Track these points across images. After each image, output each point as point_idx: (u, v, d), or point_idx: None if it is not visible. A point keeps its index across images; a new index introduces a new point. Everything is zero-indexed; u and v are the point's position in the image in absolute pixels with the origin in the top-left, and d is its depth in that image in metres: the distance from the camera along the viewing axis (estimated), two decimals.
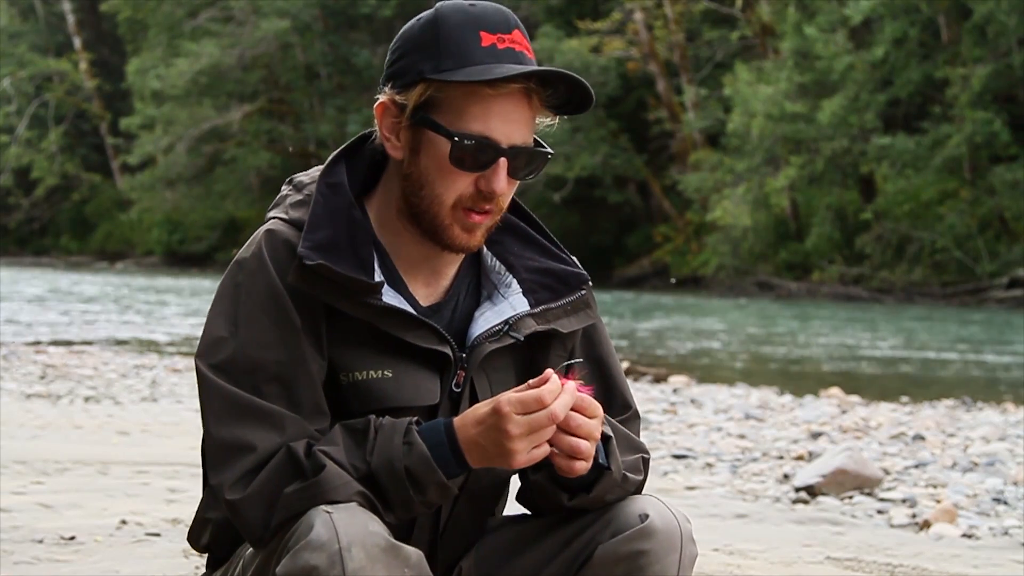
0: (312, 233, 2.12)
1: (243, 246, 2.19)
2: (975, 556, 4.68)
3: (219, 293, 2.17)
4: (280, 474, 2.04)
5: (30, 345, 13.25)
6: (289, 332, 2.11)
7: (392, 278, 2.18)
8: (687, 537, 2.14)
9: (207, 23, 45.37)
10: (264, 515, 2.04)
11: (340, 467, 2.04)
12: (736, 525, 5.19)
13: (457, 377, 2.18)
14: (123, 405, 8.63)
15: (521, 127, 2.13)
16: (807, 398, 10.50)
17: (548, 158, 2.19)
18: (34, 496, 5.07)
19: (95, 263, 46.85)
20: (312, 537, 1.95)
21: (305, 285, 2.11)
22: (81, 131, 52.21)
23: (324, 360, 2.14)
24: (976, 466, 6.78)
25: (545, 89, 2.12)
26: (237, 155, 44.99)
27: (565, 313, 2.25)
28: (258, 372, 2.10)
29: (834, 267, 33.05)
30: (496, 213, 2.17)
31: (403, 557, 1.99)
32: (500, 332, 2.19)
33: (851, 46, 33.41)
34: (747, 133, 34.09)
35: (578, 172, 37.83)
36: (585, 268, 2.36)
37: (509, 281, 2.24)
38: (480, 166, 2.12)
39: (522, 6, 41.23)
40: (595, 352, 2.32)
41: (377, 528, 1.98)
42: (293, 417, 2.08)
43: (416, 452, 2.03)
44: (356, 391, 2.14)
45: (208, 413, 2.11)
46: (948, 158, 31.79)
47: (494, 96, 2.10)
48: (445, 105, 2.11)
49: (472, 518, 2.25)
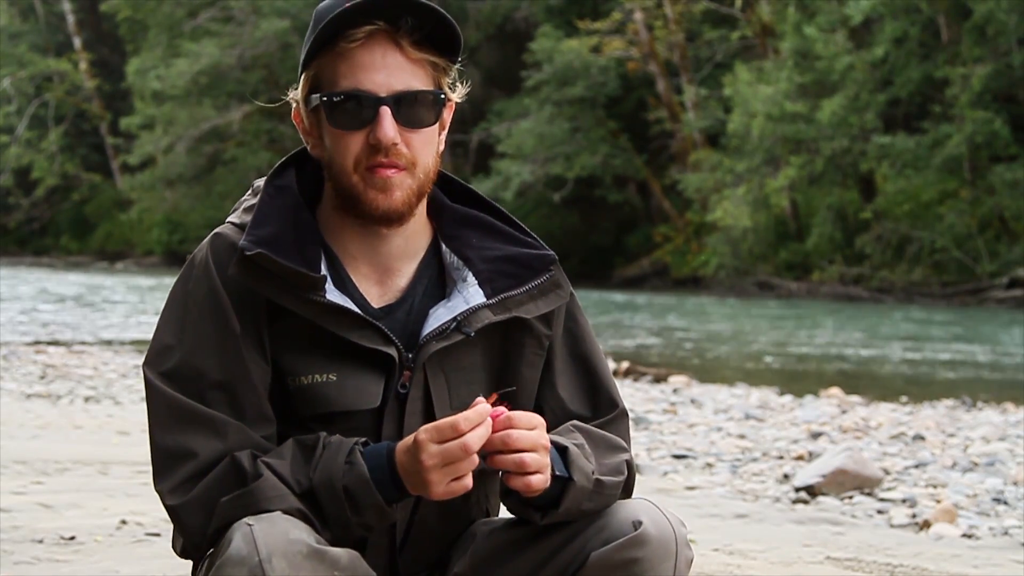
0: (256, 228, 2.10)
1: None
2: (975, 556, 4.68)
3: (169, 298, 2.16)
4: (222, 482, 2.04)
5: (30, 345, 13.24)
6: (229, 339, 2.09)
7: (340, 280, 2.15)
8: (682, 542, 2.11)
9: (207, 23, 45.33)
10: (203, 522, 2.04)
11: (281, 479, 2.03)
12: (736, 525, 5.19)
13: (403, 377, 2.13)
14: (123, 405, 8.63)
15: (398, 72, 2.09)
16: (807, 398, 10.50)
17: (444, 98, 2.13)
18: (34, 496, 5.07)
19: (95, 263, 46.82)
20: (231, 552, 1.94)
21: (246, 278, 2.08)
22: (81, 131, 52.16)
23: (267, 365, 2.12)
24: (976, 466, 6.78)
25: (405, 28, 2.08)
26: (237, 155, 44.97)
27: (531, 298, 2.19)
28: (202, 379, 2.08)
29: (834, 267, 33.02)
30: (409, 169, 2.11)
31: (330, 561, 1.96)
32: (448, 329, 2.14)
33: (851, 46, 33.38)
34: (747, 133, 34.06)
35: (578, 172, 37.80)
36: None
37: (465, 275, 2.19)
38: (362, 121, 2.09)
39: (522, 6, 41.26)
40: (578, 349, 2.27)
41: (299, 535, 1.95)
42: (236, 424, 2.07)
43: (356, 472, 2.01)
44: (302, 396, 2.12)
45: (153, 420, 2.11)
46: (948, 158, 31.76)
47: (354, 48, 2.08)
48: (323, 79, 2.12)
49: (440, 518, 2.21)
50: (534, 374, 2.24)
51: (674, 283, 36.78)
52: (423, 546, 2.22)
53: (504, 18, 42.04)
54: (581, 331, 2.28)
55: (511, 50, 41.05)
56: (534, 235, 2.26)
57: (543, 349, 2.23)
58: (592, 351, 2.29)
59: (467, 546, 2.23)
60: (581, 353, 2.27)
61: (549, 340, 2.24)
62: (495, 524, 2.24)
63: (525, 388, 2.23)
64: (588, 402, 2.25)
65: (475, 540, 2.23)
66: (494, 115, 40.40)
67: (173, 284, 2.17)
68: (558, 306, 2.23)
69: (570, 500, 2.09)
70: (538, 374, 2.24)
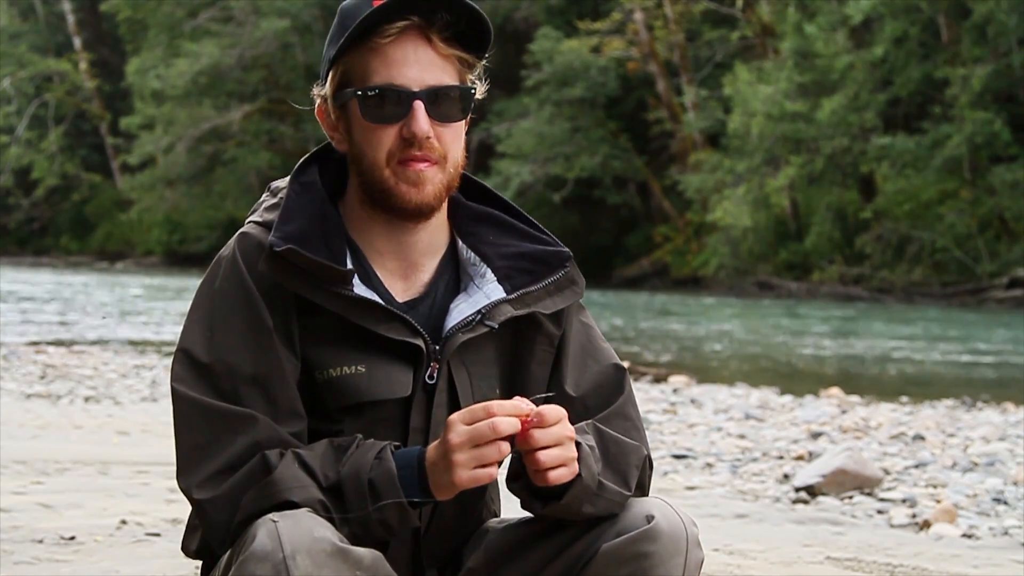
0: (284, 225, 2.13)
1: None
2: (975, 556, 4.68)
3: (196, 298, 2.17)
4: (250, 478, 2.04)
5: (30, 345, 13.24)
6: (262, 334, 2.11)
7: (366, 274, 2.18)
8: (693, 541, 2.12)
9: (207, 23, 45.34)
10: (229, 517, 2.04)
11: (307, 471, 2.04)
12: (736, 525, 5.19)
13: (431, 368, 2.16)
14: (123, 405, 8.63)
15: (430, 67, 2.13)
16: (807, 398, 10.50)
17: (473, 93, 2.18)
18: (34, 496, 5.07)
19: (95, 263, 46.82)
20: (256, 547, 1.94)
21: (276, 273, 2.10)
22: (81, 131, 52.18)
23: (298, 360, 2.13)
24: (976, 466, 6.78)
25: (438, 24, 2.12)
26: (237, 155, 44.99)
27: (548, 294, 2.23)
28: (235, 375, 2.09)
29: (834, 267, 33.03)
30: (440, 163, 2.15)
31: (353, 560, 1.97)
32: (473, 322, 2.17)
33: (851, 46, 33.40)
34: (747, 133, 34.07)
35: (578, 172, 37.81)
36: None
37: (483, 271, 2.22)
38: (395, 115, 2.12)
39: (522, 6, 41.25)
40: (590, 345, 2.30)
41: (324, 533, 1.96)
42: (264, 419, 2.08)
43: (384, 467, 2.03)
44: (331, 388, 2.14)
45: (180, 422, 2.11)
46: (948, 158, 31.77)
47: (387, 44, 2.11)
48: (354, 74, 2.14)
49: (457, 513, 2.23)
50: (544, 372, 2.26)
51: (674, 283, 36.80)
52: (440, 541, 2.24)
53: (504, 18, 42.01)
54: (590, 323, 2.33)
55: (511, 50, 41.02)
56: (548, 232, 2.30)
57: (553, 347, 2.26)
58: (600, 343, 2.32)
59: (479, 543, 2.25)
60: (592, 347, 2.31)
61: (559, 339, 2.27)
62: (508, 521, 2.26)
63: (535, 386, 2.25)
64: (601, 396, 2.28)
65: (487, 536, 2.25)
66: (494, 115, 40.40)
67: (199, 286, 2.18)
68: (571, 303, 2.26)
69: (571, 495, 2.10)
70: (547, 372, 2.27)
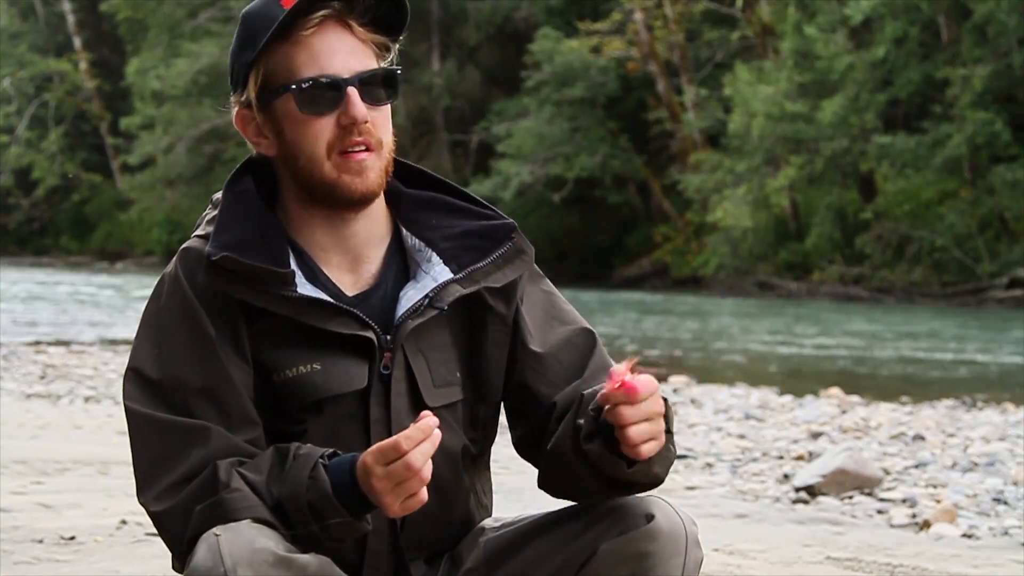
0: (220, 234, 2.15)
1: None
2: (975, 556, 4.68)
3: (143, 317, 2.19)
4: (201, 490, 2.05)
5: (30, 345, 13.24)
6: (207, 345, 2.12)
7: (312, 273, 2.19)
8: (692, 540, 2.12)
9: (207, 23, 45.31)
10: (183, 529, 2.05)
11: (254, 490, 2.04)
12: (736, 525, 5.19)
13: (384, 359, 2.17)
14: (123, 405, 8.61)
15: (354, 54, 2.16)
16: (807, 398, 10.50)
17: (399, 74, 2.19)
18: (34, 496, 5.07)
19: (95, 263, 46.79)
20: (197, 562, 1.96)
21: (217, 283, 2.12)
22: (81, 131, 52.15)
23: (248, 366, 2.14)
24: (976, 466, 6.78)
25: (357, 9, 2.15)
26: (237, 155, 44.91)
27: (496, 267, 2.23)
28: (184, 388, 2.11)
29: (834, 267, 33.01)
30: (378, 148, 2.16)
31: (298, 568, 1.97)
32: (421, 307, 2.18)
33: (851, 46, 33.37)
34: (747, 133, 34.06)
35: (578, 172, 37.76)
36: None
37: (429, 256, 2.23)
38: (330, 104, 2.14)
39: (522, 6, 41.24)
40: (554, 310, 2.29)
41: (265, 543, 1.96)
42: (216, 430, 2.09)
43: (319, 488, 2.01)
44: (290, 388, 2.15)
45: (135, 441, 2.15)
46: (948, 158, 31.75)
47: (309, 36, 2.13)
48: (278, 72, 2.15)
49: (433, 498, 2.17)
50: (500, 352, 2.26)
51: (674, 283, 36.76)
52: (422, 528, 2.22)
53: (504, 18, 42.04)
54: (551, 291, 2.32)
55: (511, 50, 41.05)
56: (491, 206, 2.30)
57: (507, 325, 2.26)
58: (564, 306, 2.31)
59: (477, 540, 2.25)
60: (557, 311, 2.30)
61: (515, 312, 2.26)
62: (506, 521, 2.27)
63: (493, 367, 2.25)
64: (575, 351, 2.27)
65: (486, 536, 2.25)
66: (494, 115, 40.40)
67: (146, 304, 2.20)
68: (522, 273, 2.26)
69: (652, 460, 2.09)
70: (504, 352, 2.26)
